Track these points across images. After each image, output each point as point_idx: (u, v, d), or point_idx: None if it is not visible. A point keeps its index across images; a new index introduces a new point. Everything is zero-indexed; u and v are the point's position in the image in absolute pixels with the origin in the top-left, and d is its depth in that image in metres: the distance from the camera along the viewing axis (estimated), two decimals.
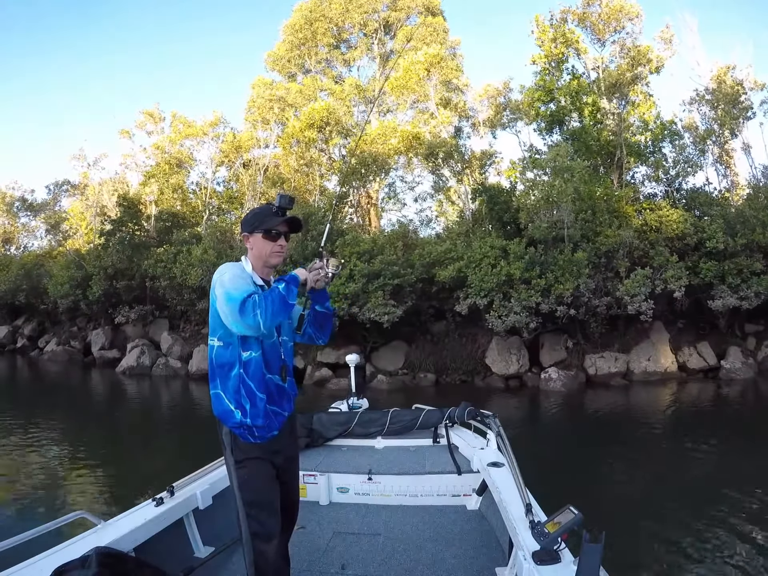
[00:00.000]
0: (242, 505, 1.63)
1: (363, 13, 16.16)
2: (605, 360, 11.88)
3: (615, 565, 3.33)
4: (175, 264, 13.62)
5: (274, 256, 1.77)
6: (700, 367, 12.06)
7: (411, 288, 11.77)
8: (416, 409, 3.50)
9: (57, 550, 1.76)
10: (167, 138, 15.52)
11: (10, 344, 18.56)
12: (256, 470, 1.67)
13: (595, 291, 10.86)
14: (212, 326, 1.71)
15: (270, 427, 1.71)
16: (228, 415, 1.67)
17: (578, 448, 7.07)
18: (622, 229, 10.83)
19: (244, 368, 1.66)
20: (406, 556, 2.30)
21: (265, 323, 1.54)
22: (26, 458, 6.87)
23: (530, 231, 10.61)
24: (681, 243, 11.39)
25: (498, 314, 10.59)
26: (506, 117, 11.74)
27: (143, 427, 9.09)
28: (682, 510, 4.61)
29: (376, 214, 16.41)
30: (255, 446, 1.68)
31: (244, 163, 16.41)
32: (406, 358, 12.89)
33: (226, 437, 1.69)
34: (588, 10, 11.73)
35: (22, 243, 20.16)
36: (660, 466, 6.03)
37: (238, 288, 1.58)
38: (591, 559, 1.38)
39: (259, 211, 1.79)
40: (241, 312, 1.51)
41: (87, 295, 15.39)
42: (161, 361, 14.47)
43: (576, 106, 11.56)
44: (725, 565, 3.65)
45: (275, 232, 1.74)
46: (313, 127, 13.14)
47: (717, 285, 11.28)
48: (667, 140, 13.03)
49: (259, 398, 1.67)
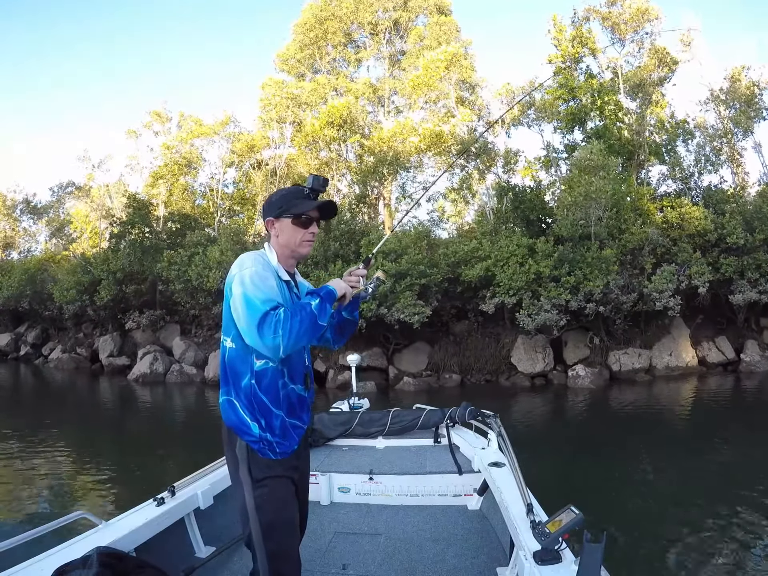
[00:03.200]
0: (259, 527, 1.42)
1: (373, 13, 16.11)
2: (629, 356, 11.99)
3: (616, 565, 3.35)
4: (189, 267, 13.30)
5: (304, 245, 1.54)
6: (719, 361, 12.28)
7: (437, 287, 11.71)
8: (417, 409, 3.51)
9: (58, 550, 1.75)
10: (178, 136, 15.17)
11: (12, 352, 17.88)
12: (276, 491, 1.46)
13: (623, 287, 10.96)
14: (226, 324, 1.49)
15: (291, 442, 1.51)
16: (244, 427, 1.45)
17: (603, 445, 6.98)
18: (646, 227, 10.98)
19: (256, 379, 1.44)
20: (407, 556, 2.30)
21: (285, 347, 1.30)
22: (28, 459, 6.80)
23: (558, 229, 10.65)
24: (702, 239, 11.61)
25: (528, 312, 10.60)
26: (532, 115, 11.79)
27: (161, 435, 8.67)
28: (687, 509, 4.52)
29: (389, 214, 16.32)
30: (276, 462, 1.47)
31: (253, 165, 16.16)
32: (429, 359, 12.80)
33: (242, 452, 1.46)
34: (611, 10, 11.91)
35: (24, 247, 19.53)
36: (676, 465, 5.88)
37: (262, 293, 1.35)
38: (592, 559, 1.37)
39: (287, 193, 1.55)
40: (260, 327, 1.29)
41: (95, 300, 14.92)
42: (175, 367, 14.06)
43: (597, 105, 11.71)
44: (731, 566, 3.54)
45: (306, 218, 1.51)
46: (333, 125, 13.01)
47: (736, 280, 11.53)
48: (680, 139, 13.30)
49: (275, 415, 1.46)
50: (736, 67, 12.27)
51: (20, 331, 18.39)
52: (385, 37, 17.19)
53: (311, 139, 13.38)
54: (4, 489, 5.74)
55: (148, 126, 15.90)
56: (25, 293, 16.38)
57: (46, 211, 16.58)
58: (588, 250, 10.81)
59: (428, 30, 15.84)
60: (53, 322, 16.94)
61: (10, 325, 18.71)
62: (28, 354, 17.42)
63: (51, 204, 16.40)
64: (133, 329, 15.08)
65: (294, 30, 17.11)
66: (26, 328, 18.24)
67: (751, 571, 3.48)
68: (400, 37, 17.25)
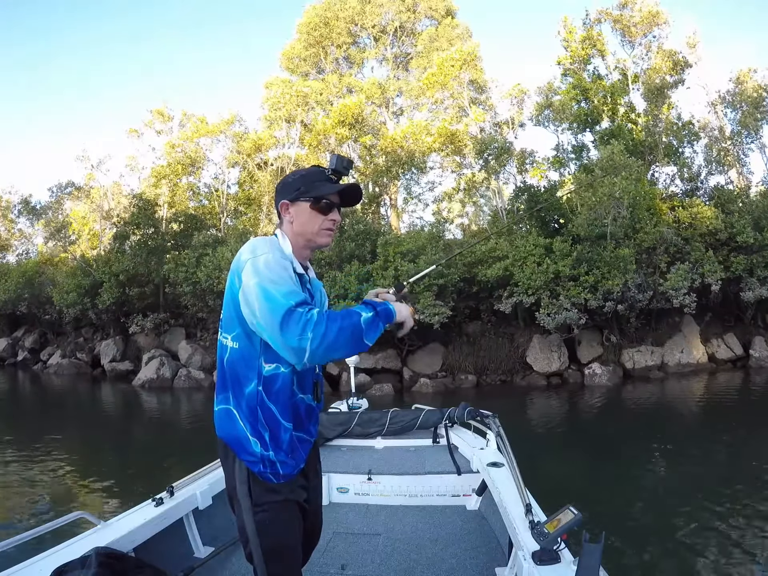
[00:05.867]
0: (260, 551, 1.27)
1: (379, 15, 16.06)
2: (642, 354, 12.13)
3: (616, 565, 3.28)
4: (198, 268, 13.00)
5: (323, 234, 1.33)
6: (728, 358, 12.53)
7: (453, 288, 11.68)
8: (416, 410, 3.52)
9: (57, 550, 1.74)
10: (184, 135, 14.83)
11: (10, 357, 17.21)
12: (279, 515, 1.29)
13: (640, 286, 11.10)
14: (227, 320, 1.28)
15: (297, 461, 1.32)
16: (242, 443, 1.26)
17: (614, 444, 6.95)
18: (659, 226, 11.15)
19: (264, 386, 1.24)
20: (406, 557, 2.30)
21: (313, 354, 1.08)
22: (28, 460, 6.74)
23: (575, 228, 10.73)
24: (712, 238, 11.84)
25: (547, 312, 10.65)
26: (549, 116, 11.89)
27: (171, 442, 8.31)
28: (689, 508, 4.43)
29: (396, 215, 16.26)
30: (280, 486, 1.28)
31: (258, 164, 15.91)
32: (444, 360, 12.74)
33: (241, 473, 1.28)
34: (623, 12, 12.10)
35: (21, 249, 18.83)
36: (679, 464, 5.78)
37: (284, 285, 1.14)
38: (591, 559, 1.37)
39: (306, 173, 1.34)
40: (284, 325, 1.08)
41: (96, 303, 14.47)
42: (182, 372, 13.69)
43: (609, 106, 11.86)
44: (732, 566, 3.48)
45: (326, 202, 1.31)
46: (345, 124, 12.88)
47: (746, 278, 11.78)
48: (686, 140, 13.56)
49: (283, 427, 1.27)
50: (743, 69, 12.61)
51: (17, 335, 17.75)
52: (389, 40, 17.17)
53: (322, 137, 13.23)
54: (4, 489, 5.68)
55: (149, 124, 15.54)
56: (23, 297, 15.82)
57: (45, 211, 16.03)
58: (605, 249, 10.91)
59: (440, 32, 15.88)
60: (52, 326, 16.40)
61: (6, 329, 18.06)
62: (26, 359, 16.79)
63: (50, 204, 15.87)
64: (137, 333, 14.69)
65: (298, 30, 16.99)
66: (23, 333, 17.62)
67: (755, 572, 3.41)
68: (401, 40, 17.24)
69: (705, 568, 3.49)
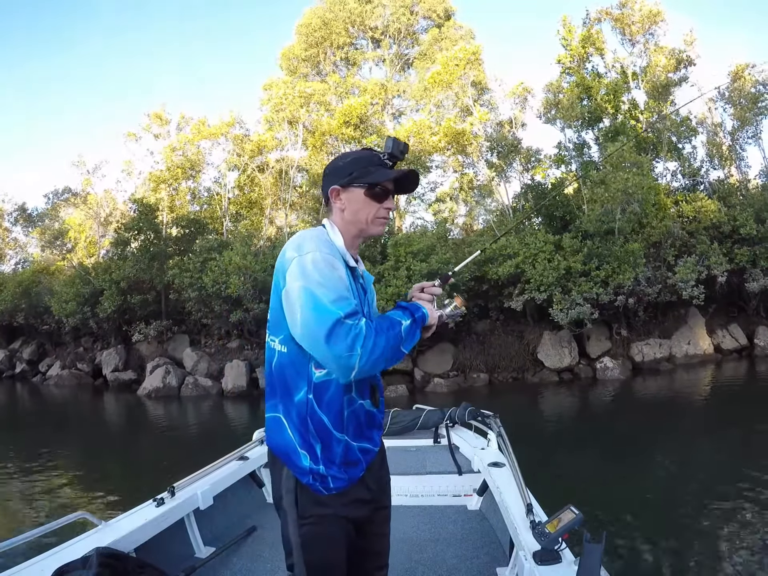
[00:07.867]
0: (303, 566, 1.21)
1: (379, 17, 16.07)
2: (650, 347, 12.28)
3: (617, 565, 3.29)
4: (204, 273, 12.77)
5: (377, 223, 1.25)
6: (733, 348, 12.76)
7: (464, 286, 11.68)
8: (417, 410, 3.53)
9: (58, 550, 1.75)
10: (185, 138, 14.59)
11: (8, 370, 16.70)
12: (326, 529, 1.20)
13: (649, 279, 11.24)
14: (274, 321, 1.21)
15: (352, 474, 1.22)
16: (291, 455, 1.19)
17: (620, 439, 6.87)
18: (666, 220, 11.32)
19: (314, 394, 1.16)
20: (407, 557, 2.30)
21: (360, 370, 1.03)
22: (31, 468, 6.66)
23: (584, 224, 10.83)
24: (716, 231, 12.06)
25: (560, 307, 10.71)
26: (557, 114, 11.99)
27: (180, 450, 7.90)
28: (690, 508, 4.36)
29: (399, 215, 16.23)
30: (329, 499, 1.19)
31: (259, 167, 15.74)
32: (455, 359, 12.72)
33: (288, 480, 1.20)
34: (623, 12, 12.29)
35: (18, 258, 18.29)
36: (682, 463, 5.66)
37: (333, 290, 1.06)
38: (592, 559, 1.38)
39: (359, 157, 1.25)
40: (330, 338, 1.01)
41: (97, 311, 14.13)
42: (189, 380, 13.42)
43: (613, 103, 12.04)
44: (733, 565, 3.41)
45: (382, 189, 1.22)
46: (350, 124, 12.82)
47: (749, 269, 12.03)
48: (683, 136, 13.81)
49: (336, 439, 1.18)
50: (740, 64, 12.87)
51: (15, 347, 17.22)
52: (388, 42, 17.19)
53: (326, 138, 13.16)
54: (4, 489, 5.66)
55: (147, 128, 15.26)
56: (20, 307, 15.37)
57: (41, 218, 15.61)
58: (614, 244, 11.03)
59: (444, 33, 15.96)
60: (50, 336, 15.94)
61: (3, 341, 17.54)
62: (24, 372, 16.30)
63: (46, 212, 15.44)
64: (139, 341, 14.37)
65: (297, 30, 16.91)
66: (21, 344, 17.09)
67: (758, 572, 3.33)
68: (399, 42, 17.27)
69: (708, 568, 3.41)
